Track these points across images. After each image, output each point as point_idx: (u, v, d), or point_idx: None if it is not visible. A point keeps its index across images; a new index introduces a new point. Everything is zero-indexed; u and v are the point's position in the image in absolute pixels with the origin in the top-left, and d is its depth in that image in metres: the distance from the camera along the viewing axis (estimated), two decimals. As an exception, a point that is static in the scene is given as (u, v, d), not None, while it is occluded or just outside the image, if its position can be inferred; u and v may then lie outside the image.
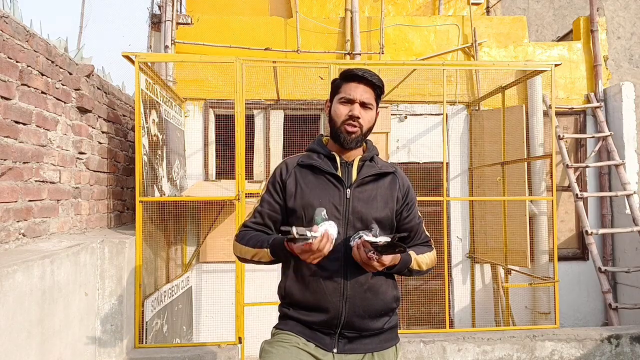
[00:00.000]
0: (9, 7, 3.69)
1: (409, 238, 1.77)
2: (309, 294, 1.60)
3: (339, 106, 1.66)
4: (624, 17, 5.61)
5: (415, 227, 1.76)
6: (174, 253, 4.45)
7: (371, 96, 1.66)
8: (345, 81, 1.67)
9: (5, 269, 2.07)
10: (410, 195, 1.76)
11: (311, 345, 1.60)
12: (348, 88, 1.65)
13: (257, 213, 1.72)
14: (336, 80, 1.72)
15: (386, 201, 1.67)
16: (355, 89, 1.64)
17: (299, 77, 4.94)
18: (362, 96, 1.64)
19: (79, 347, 2.81)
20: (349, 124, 1.64)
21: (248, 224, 1.73)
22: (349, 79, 1.66)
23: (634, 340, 3.67)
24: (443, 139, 4.10)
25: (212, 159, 5.08)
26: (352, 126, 1.64)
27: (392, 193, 1.69)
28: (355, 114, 1.63)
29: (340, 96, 1.66)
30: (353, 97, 1.64)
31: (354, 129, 1.64)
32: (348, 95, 1.64)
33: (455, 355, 3.55)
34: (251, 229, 1.71)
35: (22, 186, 2.62)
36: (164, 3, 4.96)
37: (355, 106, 1.64)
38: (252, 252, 1.63)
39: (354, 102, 1.64)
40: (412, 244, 1.77)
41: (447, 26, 5.42)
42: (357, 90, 1.64)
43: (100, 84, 3.70)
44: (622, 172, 4.87)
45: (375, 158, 1.75)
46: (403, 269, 1.62)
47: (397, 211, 1.71)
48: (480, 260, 5.08)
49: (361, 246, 1.49)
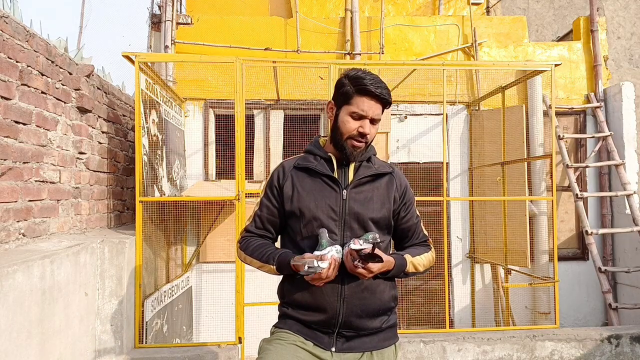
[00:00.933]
0: (9, 7, 3.69)
1: (407, 238, 1.77)
2: (307, 295, 1.61)
3: (348, 119, 1.61)
4: (624, 17, 5.61)
5: (413, 227, 1.76)
6: (174, 253, 4.45)
7: (381, 111, 1.63)
8: (359, 94, 1.59)
9: (5, 269, 2.06)
10: (408, 195, 1.75)
11: (309, 343, 1.61)
12: (361, 103, 1.58)
13: (257, 217, 1.74)
14: (346, 86, 1.62)
15: (383, 202, 1.67)
16: (369, 107, 1.59)
17: (299, 77, 4.94)
18: (374, 113, 1.60)
19: (79, 347, 2.81)
20: (357, 140, 1.61)
21: (250, 229, 1.75)
22: (363, 93, 1.58)
23: (634, 340, 3.67)
24: (443, 139, 4.10)
25: (212, 159, 5.08)
26: (359, 142, 1.62)
27: (389, 193, 1.69)
28: (366, 131, 1.60)
29: (352, 110, 1.60)
30: (365, 114, 1.59)
31: (361, 144, 1.62)
32: (360, 112, 1.59)
33: (455, 355, 3.55)
34: (253, 235, 1.74)
35: (22, 186, 2.62)
36: (164, 3, 4.96)
37: (365, 122, 1.60)
38: (258, 264, 1.67)
39: (365, 118, 1.60)
40: (410, 244, 1.77)
41: (447, 26, 5.42)
42: (369, 107, 1.59)
43: (100, 84, 3.69)
44: (622, 172, 4.87)
45: (373, 158, 1.74)
46: (398, 273, 1.63)
47: (395, 211, 1.71)
48: (480, 260, 5.08)
49: (348, 254, 1.52)
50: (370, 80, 1.57)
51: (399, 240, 1.80)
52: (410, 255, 1.67)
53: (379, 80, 1.60)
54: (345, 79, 1.63)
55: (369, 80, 1.57)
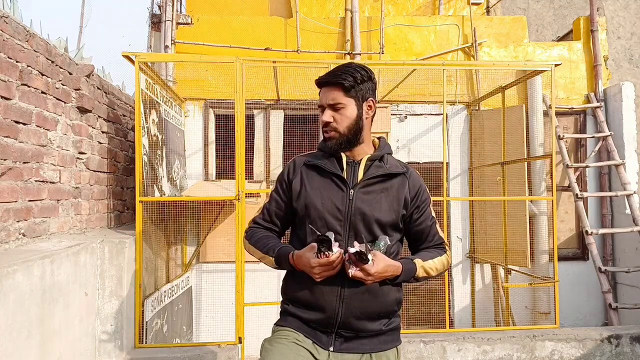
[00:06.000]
0: (9, 7, 3.69)
1: (420, 241, 1.72)
2: (307, 292, 1.60)
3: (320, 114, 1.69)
4: (624, 17, 5.61)
5: (427, 230, 1.70)
6: (174, 253, 4.44)
7: (339, 94, 1.62)
8: (318, 87, 1.69)
9: (5, 269, 2.06)
10: (422, 196, 1.69)
11: (308, 341, 1.60)
12: (320, 95, 1.67)
13: (266, 210, 1.78)
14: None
15: (392, 203, 1.62)
16: (323, 95, 1.65)
17: (299, 77, 4.94)
18: (328, 99, 1.63)
19: (79, 347, 2.81)
20: (324, 131, 1.66)
21: (257, 221, 1.79)
22: (319, 86, 1.68)
23: (634, 340, 3.67)
24: (443, 139, 4.10)
25: (212, 159, 5.08)
26: (326, 132, 1.65)
27: (399, 195, 1.64)
28: (323, 119, 1.64)
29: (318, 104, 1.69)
30: (321, 103, 1.65)
31: (330, 134, 1.65)
32: (319, 102, 1.67)
33: (455, 355, 3.55)
34: (260, 227, 1.77)
35: (22, 186, 2.62)
36: (164, 3, 4.96)
37: (325, 112, 1.64)
38: (260, 254, 1.69)
39: (323, 107, 1.65)
40: (424, 247, 1.71)
41: (447, 26, 5.42)
42: (323, 95, 1.65)
43: (100, 84, 3.69)
44: (622, 172, 4.87)
45: (386, 157, 1.70)
46: (408, 279, 1.59)
47: (407, 214, 1.66)
48: (480, 260, 5.08)
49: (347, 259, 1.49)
50: (328, 72, 1.66)
51: (413, 243, 1.75)
52: (421, 259, 1.62)
53: (340, 67, 1.65)
54: None
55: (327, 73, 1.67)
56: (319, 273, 1.48)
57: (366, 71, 1.65)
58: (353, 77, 1.61)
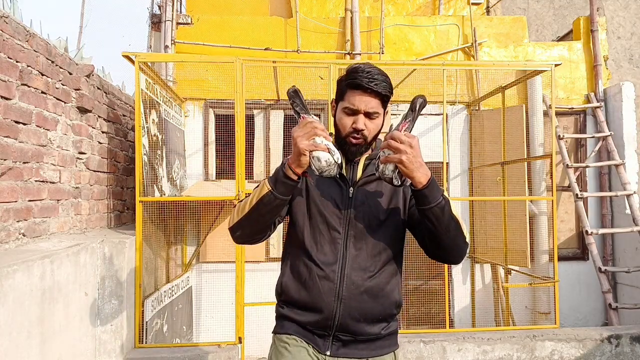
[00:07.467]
0: (9, 7, 3.69)
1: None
2: (304, 293, 1.57)
3: (342, 116, 1.56)
4: (624, 17, 5.61)
5: None
6: (174, 253, 4.45)
7: (377, 104, 1.54)
8: (350, 89, 1.53)
9: (5, 269, 2.06)
10: None
11: (307, 345, 1.58)
12: (352, 98, 1.53)
13: None
14: (341, 82, 1.58)
15: (391, 200, 1.62)
16: (360, 100, 1.52)
17: (299, 77, 4.94)
18: (367, 106, 1.52)
19: (79, 347, 2.81)
20: (353, 136, 1.57)
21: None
22: (354, 87, 1.52)
23: (634, 340, 3.67)
24: (443, 139, 4.10)
25: (212, 159, 5.08)
26: (356, 139, 1.57)
27: (397, 191, 1.64)
28: (359, 126, 1.53)
29: (345, 105, 1.55)
30: (357, 108, 1.53)
31: (358, 140, 1.57)
32: (352, 106, 1.53)
33: (455, 355, 3.55)
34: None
35: (22, 186, 2.62)
36: (164, 3, 4.96)
37: (359, 118, 1.53)
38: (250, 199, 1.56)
39: (358, 113, 1.53)
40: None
41: (447, 26, 5.42)
42: (360, 100, 1.52)
43: (100, 84, 3.69)
44: (622, 172, 4.87)
45: None
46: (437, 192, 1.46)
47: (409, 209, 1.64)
48: (480, 260, 5.08)
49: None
50: (363, 73, 1.50)
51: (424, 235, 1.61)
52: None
53: (376, 73, 1.51)
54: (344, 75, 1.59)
55: (362, 73, 1.50)
56: (302, 137, 1.44)
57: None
58: (390, 91, 1.57)
